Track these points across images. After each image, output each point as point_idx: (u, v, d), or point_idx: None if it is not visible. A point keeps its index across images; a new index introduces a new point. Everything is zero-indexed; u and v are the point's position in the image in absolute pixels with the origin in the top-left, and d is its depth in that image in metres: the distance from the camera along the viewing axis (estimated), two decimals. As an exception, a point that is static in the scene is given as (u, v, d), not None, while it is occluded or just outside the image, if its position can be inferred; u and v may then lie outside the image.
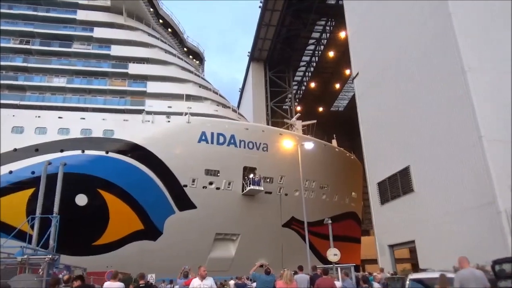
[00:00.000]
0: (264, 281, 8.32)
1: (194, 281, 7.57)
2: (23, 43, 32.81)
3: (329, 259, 15.69)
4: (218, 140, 29.65)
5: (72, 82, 31.98)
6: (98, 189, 27.35)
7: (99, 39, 33.43)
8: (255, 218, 31.05)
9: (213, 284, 7.57)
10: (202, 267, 7.70)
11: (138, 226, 28.13)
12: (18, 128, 28.13)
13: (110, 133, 28.46)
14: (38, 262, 11.89)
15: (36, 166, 26.78)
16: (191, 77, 34.35)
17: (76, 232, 25.28)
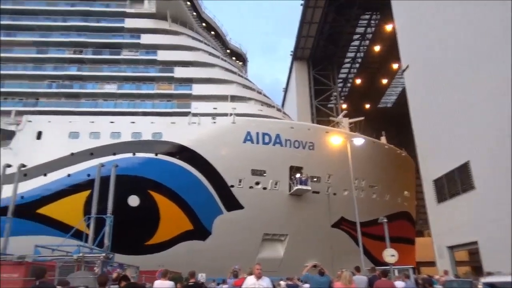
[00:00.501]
0: (318, 282, 7.90)
1: (248, 279, 6.90)
2: (77, 53, 34.65)
3: (386, 260, 14.89)
4: (264, 139, 29.50)
5: (122, 88, 33.27)
6: (149, 190, 28.15)
7: (146, 45, 34.56)
8: (303, 218, 30.52)
9: (270, 284, 6.85)
10: (257, 265, 6.98)
11: (188, 226, 28.61)
12: (74, 134, 29.65)
13: (159, 136, 29.22)
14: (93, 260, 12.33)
15: (91, 169, 28.00)
16: (235, 78, 34.55)
17: (129, 232, 26.12)
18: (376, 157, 33.96)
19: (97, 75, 33.73)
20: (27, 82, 33.59)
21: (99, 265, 11.56)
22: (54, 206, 27.84)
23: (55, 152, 28.90)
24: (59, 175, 28.59)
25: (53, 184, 28.42)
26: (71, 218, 26.01)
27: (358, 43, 53.42)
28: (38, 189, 28.29)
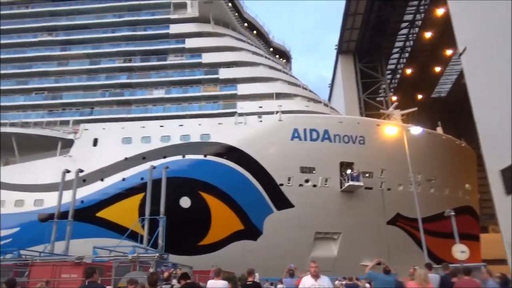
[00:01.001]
0: (383, 281, 7.27)
1: (305, 280, 6.21)
2: (126, 61, 36.00)
3: (456, 256, 13.77)
4: (311, 136, 28.83)
5: (170, 93, 34.07)
6: (200, 192, 28.50)
7: (190, 49, 35.19)
8: (356, 215, 29.43)
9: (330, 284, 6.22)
10: (312, 263, 6.28)
11: (239, 226, 28.61)
12: (127, 139, 30.75)
13: (207, 137, 29.52)
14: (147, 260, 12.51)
15: (144, 173, 28.83)
16: (279, 75, 34.17)
17: (183, 233, 26.58)
18: (433, 149, 32.01)
19: (146, 82, 34.83)
20: (82, 93, 35.43)
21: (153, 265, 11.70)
22: (112, 209, 29.00)
23: (110, 158, 30.12)
24: (115, 180, 29.74)
25: (110, 188, 29.63)
26: (127, 221, 26.94)
27: (407, 31, 50.93)
28: (97, 193, 29.62)
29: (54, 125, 33.65)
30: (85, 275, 5.30)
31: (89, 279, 5.14)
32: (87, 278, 5.16)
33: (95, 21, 37.88)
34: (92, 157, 29.96)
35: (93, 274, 5.15)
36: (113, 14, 37.98)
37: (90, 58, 36.81)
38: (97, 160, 29.97)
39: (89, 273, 5.15)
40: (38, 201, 30.28)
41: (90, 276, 5.11)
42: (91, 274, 5.13)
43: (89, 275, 5.13)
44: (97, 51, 36.62)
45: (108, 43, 36.86)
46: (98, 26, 37.75)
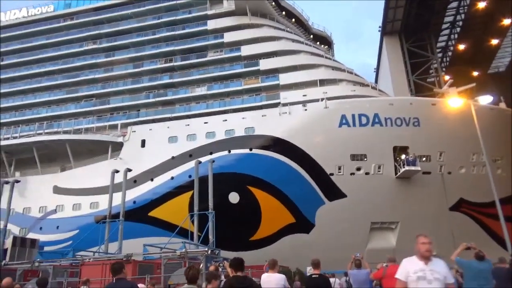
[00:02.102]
0: (476, 269, 6.07)
1: (407, 264, 4.18)
2: (168, 62, 36.26)
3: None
4: (361, 121, 27.31)
5: (211, 89, 33.88)
6: (248, 186, 27.98)
7: (229, 43, 34.77)
8: (415, 202, 27.51)
9: (447, 270, 4.07)
10: (423, 237, 4.25)
11: (290, 220, 27.78)
12: (173, 138, 30.93)
13: (251, 131, 28.94)
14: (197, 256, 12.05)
15: (192, 171, 28.85)
16: (322, 61, 32.83)
17: (233, 229, 26.22)
18: (496, 126, 29.20)
19: (187, 80, 34.93)
20: (128, 96, 36.19)
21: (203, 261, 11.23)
22: (163, 208, 29.27)
23: (158, 157, 30.44)
24: (164, 179, 30.02)
25: (160, 188, 29.94)
26: (178, 219, 26.95)
27: (457, 4, 47.21)
28: (147, 193, 30.06)
29: (103, 130, 34.67)
30: (112, 272, 4.61)
31: (117, 276, 4.54)
32: (115, 275, 4.56)
33: (135, 25, 38.59)
34: (141, 158, 30.43)
35: (121, 270, 4.50)
36: (152, 17, 38.44)
37: (133, 62, 37.51)
38: (146, 160, 30.40)
39: (116, 269, 4.47)
40: (94, 203, 31.31)
41: (117, 272, 4.48)
42: (118, 270, 4.46)
43: (116, 272, 4.49)
44: (140, 54, 37.26)
45: (149, 46, 37.42)
46: (139, 29, 38.41)
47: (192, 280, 4.32)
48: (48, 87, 39.35)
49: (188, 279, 4.35)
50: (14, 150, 35.30)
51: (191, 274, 4.34)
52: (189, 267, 4.51)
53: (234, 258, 4.90)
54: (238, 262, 4.81)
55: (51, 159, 34.89)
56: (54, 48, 40.68)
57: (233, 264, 4.87)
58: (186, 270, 4.46)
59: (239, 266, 4.77)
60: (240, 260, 4.84)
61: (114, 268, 4.54)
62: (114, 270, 4.54)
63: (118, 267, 4.47)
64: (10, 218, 26.01)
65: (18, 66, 41.59)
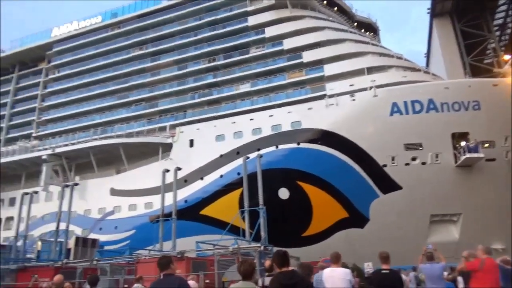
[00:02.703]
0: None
1: None
2: (211, 61, 36.58)
3: None
4: (414, 108, 25.81)
5: (255, 85, 33.67)
6: (297, 181, 27.47)
7: (271, 38, 34.37)
8: (478, 192, 25.57)
9: None
10: None
11: (343, 214, 26.92)
12: (220, 136, 31.09)
13: (298, 124, 28.36)
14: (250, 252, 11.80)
15: (240, 168, 28.81)
16: (368, 48, 31.48)
17: (285, 225, 25.84)
18: None
19: (231, 78, 34.97)
20: (175, 98, 36.97)
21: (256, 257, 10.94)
22: (214, 206, 29.53)
23: (207, 156, 30.74)
24: (213, 177, 30.27)
25: (210, 186, 30.24)
26: (229, 216, 27.02)
27: (515, -24, 43.44)
28: (198, 192, 30.48)
29: (153, 132, 35.70)
30: (159, 267, 4.23)
31: (164, 271, 4.20)
32: (162, 271, 4.20)
33: (178, 28, 39.28)
34: (190, 157, 30.89)
35: (168, 265, 4.17)
36: (193, 18, 38.93)
37: (178, 64, 38.25)
38: (195, 160, 30.82)
39: (163, 264, 4.15)
40: (148, 204, 32.26)
41: (165, 267, 4.14)
42: (166, 265, 4.13)
43: (164, 267, 4.13)
44: (183, 56, 37.90)
45: (192, 47, 37.94)
46: (181, 32, 39.07)
47: (246, 276, 3.94)
48: (100, 94, 41.21)
49: (242, 275, 3.97)
50: (73, 155, 37.31)
51: (243, 269, 3.96)
52: (241, 261, 4.13)
53: (276, 252, 4.33)
54: (282, 256, 4.21)
55: (107, 162, 36.46)
56: (103, 57, 42.50)
57: (277, 258, 4.23)
58: (239, 265, 4.09)
59: (284, 260, 4.18)
60: (283, 253, 4.24)
61: (161, 263, 4.24)
62: (161, 265, 4.23)
63: (165, 262, 4.16)
64: (72, 219, 27.45)
65: (72, 76, 43.97)
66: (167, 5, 40.58)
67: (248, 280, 3.95)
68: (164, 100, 37.55)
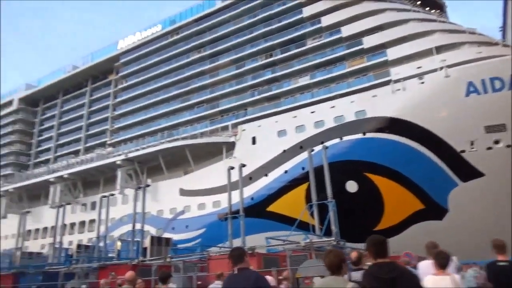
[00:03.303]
0: None
1: None
2: (268, 57, 36.33)
3: None
4: (493, 86, 23.41)
5: (315, 77, 32.84)
6: (365, 173, 26.28)
7: (327, 26, 33.23)
8: None
9: None
10: None
11: (418, 206, 25.25)
12: (282, 132, 30.77)
13: (362, 114, 27.12)
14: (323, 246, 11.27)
15: (304, 162, 28.27)
16: (435, 26, 29.13)
17: (354, 220, 24.77)
18: None
19: (289, 72, 34.43)
20: (234, 97, 37.31)
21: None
22: (280, 202, 29.30)
23: (270, 153, 30.60)
24: (278, 173, 30.05)
25: (275, 182, 30.05)
26: (296, 212, 26.57)
27: None
28: (263, 189, 30.43)
29: (216, 132, 36.37)
30: (232, 260, 3.72)
31: (238, 265, 3.68)
32: (236, 264, 3.69)
33: (233, 28, 39.53)
34: (253, 154, 30.94)
35: (242, 257, 3.67)
36: (247, 16, 38.94)
37: (235, 63, 38.54)
38: (258, 156, 30.81)
39: (236, 256, 3.68)
40: (216, 202, 32.86)
41: (239, 260, 3.64)
42: (239, 257, 3.66)
43: (237, 259, 3.66)
44: (241, 55, 38.08)
45: (249, 45, 37.95)
46: (237, 31, 39.28)
47: (332, 269, 3.20)
48: (164, 99, 42.94)
49: (327, 267, 3.24)
50: (144, 159, 39.24)
51: (328, 261, 3.22)
52: (326, 252, 3.46)
53: (371, 239, 3.43)
54: (379, 243, 3.34)
55: (175, 164, 37.84)
56: (165, 63, 44.20)
57: (373, 245, 3.34)
58: (324, 256, 3.36)
59: (381, 249, 3.30)
60: (382, 240, 3.35)
61: (234, 255, 3.76)
62: (234, 257, 3.74)
63: (238, 254, 3.73)
64: (147, 220, 28.75)
65: (138, 84, 46.33)
66: (221, 6, 41.08)
67: (336, 275, 3.22)
68: (225, 100, 38.07)
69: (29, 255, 30.33)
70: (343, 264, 3.25)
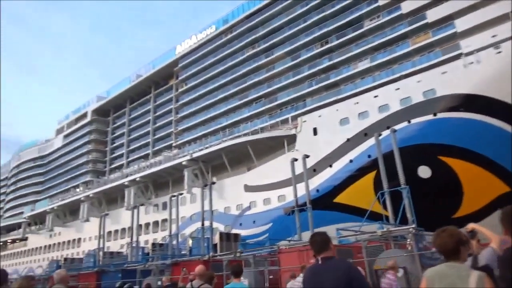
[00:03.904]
0: None
1: None
2: (323, 45, 35.17)
3: None
4: None
5: (375, 59, 31.14)
6: (439, 156, 24.36)
7: (385, 5, 31.23)
8: None
9: None
10: None
11: (503, 189, 22.87)
12: (344, 120, 29.61)
13: (431, 93, 25.13)
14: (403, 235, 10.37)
15: (370, 150, 26.98)
16: (511, -12, 26.07)
17: (429, 207, 23.02)
18: None
19: (347, 57, 33.01)
20: (292, 89, 36.70)
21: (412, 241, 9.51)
22: (347, 193, 28.27)
23: (333, 142, 29.62)
24: (343, 163, 29.01)
25: (340, 173, 29.06)
26: (364, 202, 25.42)
27: None
28: (329, 180, 29.56)
29: (277, 126, 36.05)
30: (315, 248, 3.01)
31: (322, 253, 2.99)
32: (319, 252, 3.00)
33: (286, 19, 38.81)
34: (315, 146, 30.13)
35: (327, 243, 2.99)
36: (300, 5, 38.00)
37: (290, 55, 37.86)
38: (321, 147, 29.98)
39: (319, 242, 2.99)
40: (281, 196, 32.63)
41: (323, 247, 2.97)
42: (323, 244, 2.97)
43: (321, 246, 2.98)
44: (295, 46, 37.29)
45: (303, 34, 37.05)
46: (290, 22, 38.50)
47: (447, 253, 2.48)
48: (223, 98, 43.57)
49: (440, 251, 2.53)
50: (208, 158, 40.11)
51: (439, 242, 2.53)
52: (438, 232, 2.60)
53: (506, 211, 2.84)
54: None
55: (238, 161, 38.21)
56: (222, 63, 44.80)
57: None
58: (434, 237, 2.61)
59: None
60: None
61: (316, 241, 3.03)
62: (317, 244, 3.02)
63: (322, 240, 3.03)
64: (215, 217, 29.34)
65: (198, 86, 47.49)
66: None
67: (452, 261, 2.47)
68: (282, 93, 37.59)
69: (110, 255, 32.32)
70: (461, 246, 2.49)
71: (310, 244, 3.08)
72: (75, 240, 57.92)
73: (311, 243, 3.08)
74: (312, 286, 3.05)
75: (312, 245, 3.05)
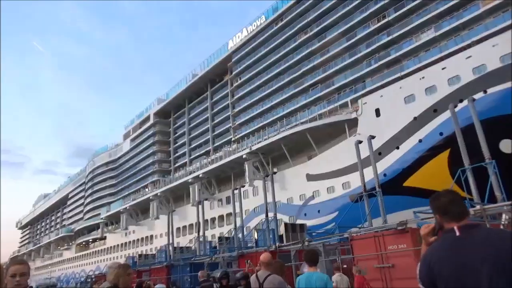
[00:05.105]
0: None
1: None
2: (381, 20, 32.91)
3: None
4: None
5: (440, 28, 28.41)
6: (524, 127, 21.56)
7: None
8: None
9: None
10: None
11: None
12: (409, 97, 27.54)
13: (509, 58, 22.28)
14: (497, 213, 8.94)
15: (442, 127, 24.78)
16: None
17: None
18: None
19: (408, 30, 30.53)
20: (349, 71, 34.91)
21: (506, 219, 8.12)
22: (417, 175, 26.30)
23: (398, 123, 27.71)
24: (411, 144, 27.03)
25: (409, 154, 27.15)
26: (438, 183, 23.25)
27: None
28: (396, 163, 27.78)
29: (336, 111, 34.58)
30: (445, 211, 1.83)
31: (462, 221, 1.83)
32: (460, 218, 1.84)
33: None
34: (379, 128, 28.32)
35: (464, 207, 1.98)
36: (349, -19, 35.92)
37: (345, 35, 36.01)
38: (385, 129, 28.19)
39: (457, 200, 1.93)
40: (346, 184, 31.29)
41: (464, 212, 1.74)
42: (464, 207, 1.96)
43: (460, 211, 1.78)
44: (350, 25, 35.36)
45: (357, 12, 34.96)
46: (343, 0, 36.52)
47: None
48: (278, 88, 42.74)
49: None
50: (267, 150, 39.70)
51: None
52: None
53: None
54: None
55: (298, 150, 37.33)
56: (274, 52, 43.94)
57: None
58: None
59: None
60: None
61: (455, 199, 1.97)
62: (459, 204, 1.94)
63: (457, 199, 1.96)
64: (278, 208, 28.75)
65: (252, 78, 47.11)
66: (321, -21, 38.82)
67: None
68: (339, 77, 35.92)
69: (180, 249, 33.18)
70: None
71: (435, 209, 2.04)
72: (148, 237, 60.84)
73: (436, 207, 2.02)
74: (453, 268, 1.73)
75: (439, 209, 1.96)
